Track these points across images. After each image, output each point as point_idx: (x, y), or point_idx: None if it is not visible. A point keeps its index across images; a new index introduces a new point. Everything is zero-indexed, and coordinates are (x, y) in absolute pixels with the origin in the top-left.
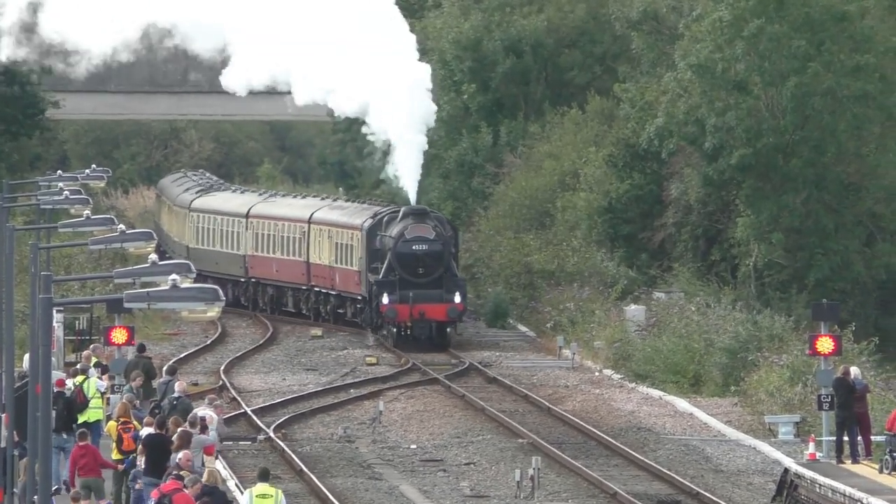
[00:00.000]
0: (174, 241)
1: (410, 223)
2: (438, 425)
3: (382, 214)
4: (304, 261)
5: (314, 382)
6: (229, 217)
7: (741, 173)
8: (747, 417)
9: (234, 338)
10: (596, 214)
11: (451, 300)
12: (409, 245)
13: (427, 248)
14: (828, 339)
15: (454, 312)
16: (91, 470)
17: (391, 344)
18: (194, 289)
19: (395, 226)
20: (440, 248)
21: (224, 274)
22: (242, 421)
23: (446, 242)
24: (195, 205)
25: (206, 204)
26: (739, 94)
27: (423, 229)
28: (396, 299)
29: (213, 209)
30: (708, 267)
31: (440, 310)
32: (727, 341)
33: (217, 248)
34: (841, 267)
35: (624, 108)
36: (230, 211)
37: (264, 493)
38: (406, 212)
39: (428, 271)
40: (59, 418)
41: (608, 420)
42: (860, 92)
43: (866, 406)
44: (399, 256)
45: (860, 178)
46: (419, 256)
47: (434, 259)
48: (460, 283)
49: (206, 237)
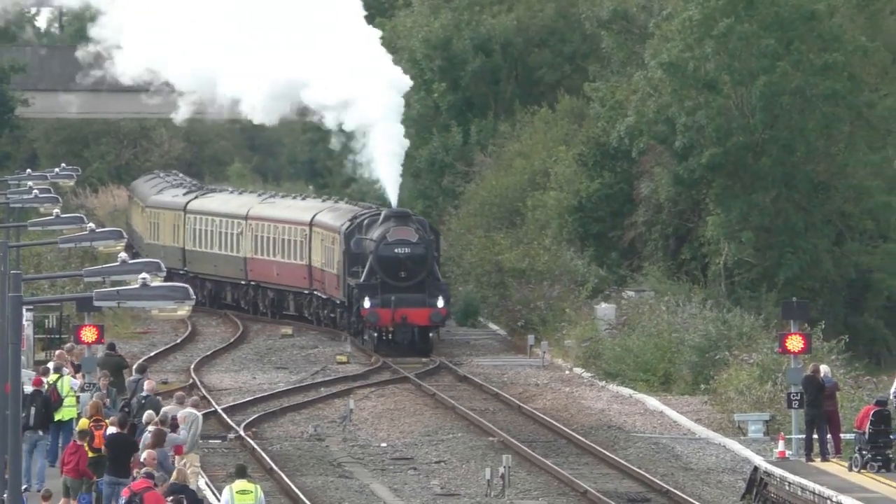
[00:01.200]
0: (151, 244)
1: (392, 226)
2: (409, 424)
3: (362, 217)
4: (306, 264)
5: (285, 381)
6: (228, 219)
7: (711, 172)
8: (717, 415)
9: (205, 336)
10: (566, 213)
11: (433, 304)
12: (391, 248)
13: (409, 252)
14: (797, 337)
15: (437, 317)
16: (75, 471)
17: (371, 349)
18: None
19: (377, 229)
20: (423, 252)
21: (223, 277)
22: (213, 419)
23: (429, 246)
24: (192, 206)
25: (203, 206)
26: (709, 93)
27: (406, 232)
28: (378, 303)
29: (210, 211)
30: (678, 265)
31: (422, 314)
32: (697, 340)
33: (216, 250)
34: (810, 265)
35: (594, 107)
36: (229, 213)
37: (244, 490)
38: (388, 214)
39: (410, 275)
40: (36, 416)
41: (578, 418)
42: (829, 91)
43: (836, 404)
44: (381, 260)
45: (829, 176)
46: (401, 260)
47: (416, 262)
48: (443, 287)
49: (204, 240)
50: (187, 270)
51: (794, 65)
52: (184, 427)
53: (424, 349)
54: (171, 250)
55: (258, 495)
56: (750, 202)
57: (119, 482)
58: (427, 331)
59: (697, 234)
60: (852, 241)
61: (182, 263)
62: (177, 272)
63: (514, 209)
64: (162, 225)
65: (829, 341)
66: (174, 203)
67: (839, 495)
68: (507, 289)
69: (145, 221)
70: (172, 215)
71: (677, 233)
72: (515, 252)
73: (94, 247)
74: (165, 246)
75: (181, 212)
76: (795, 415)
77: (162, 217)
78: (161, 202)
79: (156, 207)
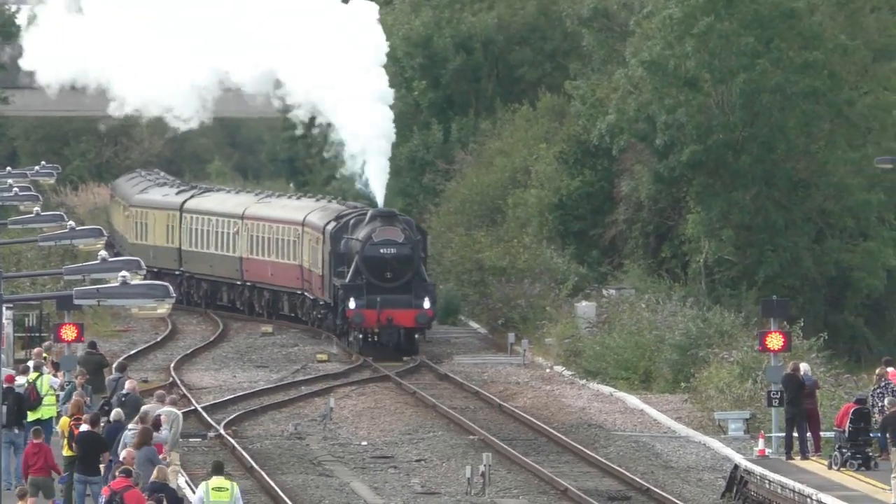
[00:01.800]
0: (137, 244)
1: (378, 226)
2: (389, 422)
3: (348, 217)
4: (299, 264)
5: (265, 379)
6: (224, 218)
7: (691, 170)
8: (697, 414)
9: (185, 335)
10: (547, 211)
11: (419, 306)
12: (377, 248)
13: (395, 252)
14: (777, 335)
15: (423, 318)
16: (42, 469)
17: (357, 350)
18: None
19: (362, 228)
20: (409, 252)
21: (219, 277)
22: (193, 418)
23: (415, 246)
24: (188, 206)
25: (199, 205)
26: (690, 90)
27: (392, 232)
28: (363, 304)
29: (207, 210)
30: (658, 263)
31: (408, 315)
32: (677, 338)
33: (211, 250)
34: (790, 263)
35: (575, 104)
36: (225, 212)
37: (220, 486)
38: (374, 214)
39: (396, 276)
40: (9, 413)
41: (559, 416)
42: (809, 89)
43: (816, 402)
44: (366, 260)
45: (809, 174)
46: (387, 260)
47: (403, 263)
48: (429, 287)
49: (200, 239)
50: (183, 271)
51: (774, 63)
52: (165, 426)
53: (410, 351)
54: (166, 251)
55: (234, 492)
56: (730, 200)
57: (89, 480)
58: (413, 332)
59: (678, 232)
60: (832, 238)
61: (178, 264)
62: (171, 273)
63: (494, 207)
64: (152, 225)
65: (809, 339)
66: (168, 202)
67: (819, 493)
68: (487, 287)
69: (130, 221)
70: (166, 215)
71: (658, 231)
72: (496, 250)
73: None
74: (157, 246)
75: (177, 211)
76: (775, 413)
77: (152, 217)
78: (151, 201)
79: (144, 207)
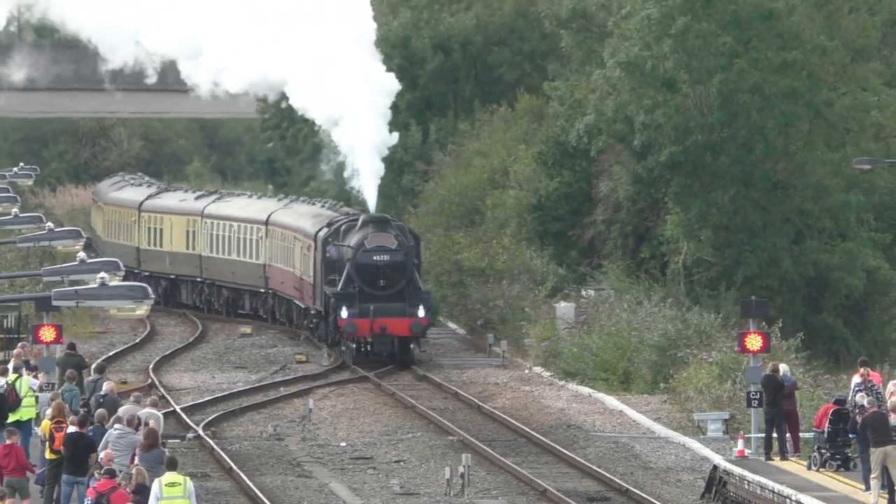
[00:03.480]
0: (150, 250)
1: (371, 232)
2: (368, 423)
3: (339, 223)
4: (293, 272)
5: (244, 380)
6: (248, 224)
7: (670, 171)
8: (676, 414)
9: (163, 336)
10: (525, 212)
11: (414, 314)
12: (370, 255)
13: (389, 259)
14: (756, 336)
15: (418, 327)
16: (16, 469)
17: (350, 360)
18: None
19: (354, 235)
20: (402, 259)
21: (241, 284)
22: (171, 419)
23: (409, 252)
24: (209, 211)
25: (221, 210)
26: (668, 91)
27: (385, 238)
28: (356, 313)
29: (229, 216)
30: (637, 264)
31: (403, 324)
32: (656, 338)
33: (234, 257)
34: (769, 264)
35: (553, 105)
36: (248, 218)
37: (173, 482)
38: (365, 220)
39: (390, 283)
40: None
41: (538, 417)
42: (788, 89)
43: (795, 403)
44: (359, 267)
45: (788, 175)
46: (380, 267)
47: (396, 270)
48: (424, 295)
49: (222, 246)
50: (205, 278)
51: (753, 63)
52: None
53: (405, 361)
54: (184, 257)
55: (187, 487)
56: (708, 201)
57: (78, 481)
58: (408, 342)
59: (656, 233)
60: (811, 239)
61: (199, 271)
62: (193, 280)
63: (473, 208)
64: (168, 230)
65: (788, 340)
66: (186, 207)
67: (798, 494)
68: (466, 288)
69: (144, 226)
70: (184, 220)
71: (636, 231)
72: (475, 251)
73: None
74: (174, 252)
75: (198, 217)
76: (755, 413)
77: (167, 222)
78: (165, 206)
79: (158, 212)
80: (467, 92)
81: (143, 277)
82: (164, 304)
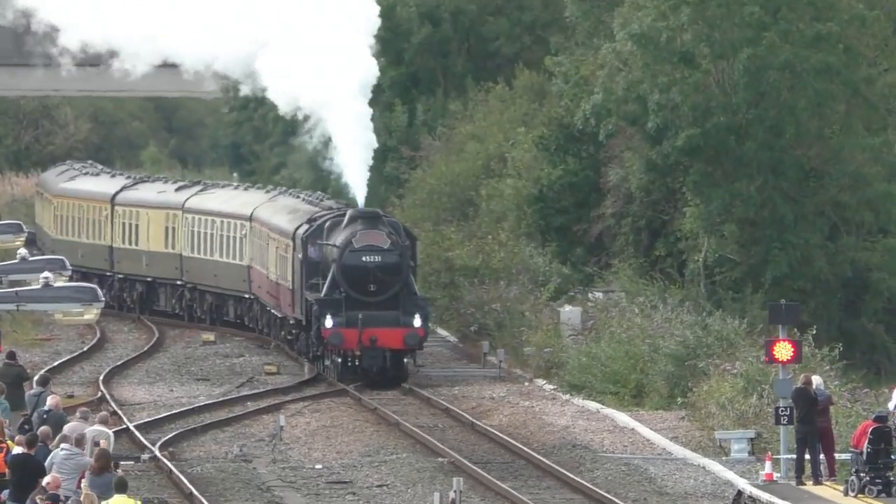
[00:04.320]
0: (124, 248)
1: (359, 229)
2: (347, 442)
3: (322, 218)
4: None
5: (206, 394)
6: (230, 220)
7: (688, 157)
8: (696, 433)
9: (115, 344)
10: (525, 204)
11: (409, 324)
12: (359, 256)
13: (380, 261)
14: (786, 344)
15: (413, 339)
16: None
17: (335, 377)
18: (69, 288)
19: (340, 232)
20: (396, 260)
21: (225, 289)
22: (124, 438)
23: (403, 253)
24: (191, 204)
25: (203, 203)
26: (686, 67)
27: (376, 237)
28: (342, 322)
29: (212, 210)
30: (652, 263)
31: (396, 335)
32: (673, 347)
33: (216, 257)
34: (801, 263)
35: (556, 83)
36: (231, 213)
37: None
38: (353, 216)
39: (381, 288)
40: None
41: (539, 436)
42: (822, 65)
43: (830, 420)
44: (345, 270)
45: (822, 162)
46: (370, 270)
47: (389, 273)
48: (420, 302)
49: (204, 244)
50: (186, 281)
51: (783, 36)
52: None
53: (397, 377)
54: (163, 257)
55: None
56: (732, 191)
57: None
58: (401, 355)
59: (673, 228)
60: (848, 235)
61: (179, 273)
62: (172, 283)
63: (466, 199)
64: (144, 226)
65: (822, 349)
66: (165, 200)
67: None
68: (458, 289)
69: (118, 221)
70: (163, 215)
71: (651, 226)
72: (468, 248)
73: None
74: (152, 252)
75: (178, 211)
76: (784, 432)
77: (143, 217)
78: (142, 199)
79: (134, 206)
80: (459, 67)
81: (117, 280)
82: (140, 312)
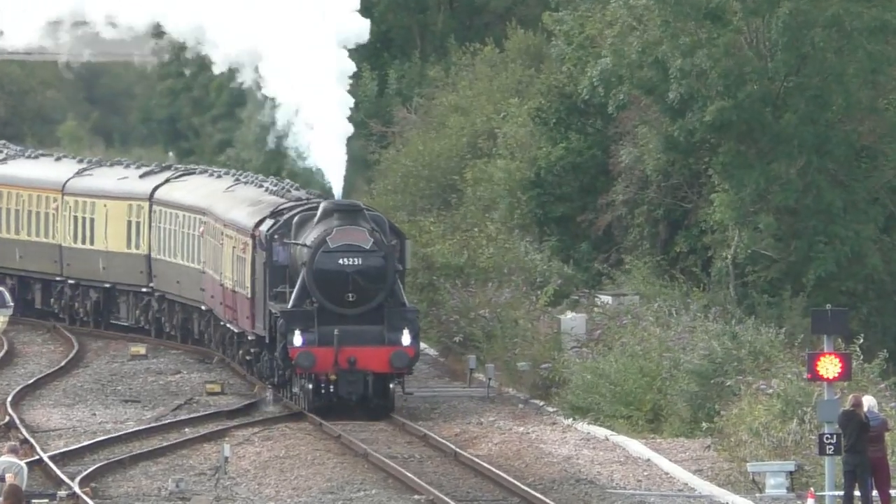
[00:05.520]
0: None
1: (336, 226)
2: (305, 476)
3: (290, 212)
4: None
5: (135, 418)
6: (191, 215)
7: (716, 133)
8: (724, 465)
9: (27, 358)
10: (519, 190)
11: (396, 341)
12: (335, 258)
13: (361, 263)
14: (833, 358)
15: (401, 360)
16: None
17: (306, 407)
18: None
19: (312, 229)
20: (380, 264)
21: (188, 299)
22: (37, 471)
23: (389, 255)
24: (160, 195)
25: (173, 194)
26: (714, 26)
27: (355, 234)
28: (314, 339)
29: (179, 203)
30: (671, 261)
31: (380, 355)
32: (697, 362)
33: (178, 259)
34: (851, 260)
35: (557, 44)
36: (192, 205)
37: None
38: (328, 209)
39: (362, 298)
40: None
41: (536, 469)
42: (876, 22)
43: (884, 449)
44: (319, 275)
45: (876, 139)
46: (349, 275)
47: (371, 280)
48: (409, 315)
49: (171, 244)
50: (154, 288)
51: None
52: None
53: (383, 406)
54: (125, 259)
55: None
56: (769, 175)
57: None
58: (386, 380)
59: (697, 219)
60: None
61: (146, 278)
62: (136, 290)
63: (448, 184)
64: (101, 221)
65: (875, 362)
66: (128, 190)
67: None
68: (438, 292)
69: (69, 215)
70: (125, 207)
71: (670, 216)
72: (450, 242)
73: None
74: (111, 252)
75: (145, 202)
76: (830, 463)
77: (100, 209)
78: (98, 188)
79: (89, 196)
80: (439, 25)
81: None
82: (95, 326)
